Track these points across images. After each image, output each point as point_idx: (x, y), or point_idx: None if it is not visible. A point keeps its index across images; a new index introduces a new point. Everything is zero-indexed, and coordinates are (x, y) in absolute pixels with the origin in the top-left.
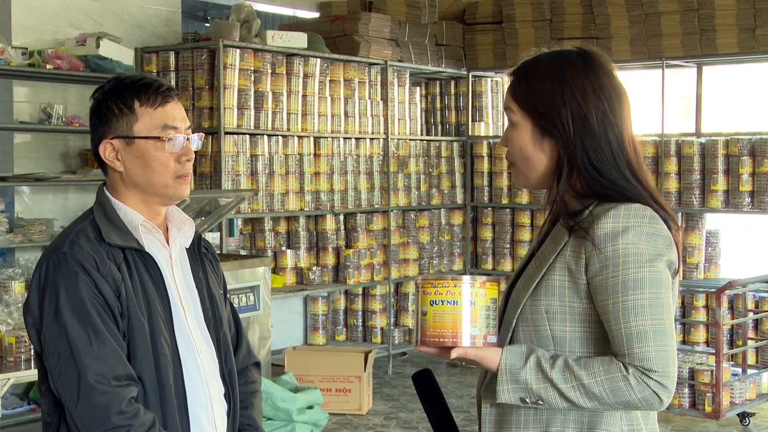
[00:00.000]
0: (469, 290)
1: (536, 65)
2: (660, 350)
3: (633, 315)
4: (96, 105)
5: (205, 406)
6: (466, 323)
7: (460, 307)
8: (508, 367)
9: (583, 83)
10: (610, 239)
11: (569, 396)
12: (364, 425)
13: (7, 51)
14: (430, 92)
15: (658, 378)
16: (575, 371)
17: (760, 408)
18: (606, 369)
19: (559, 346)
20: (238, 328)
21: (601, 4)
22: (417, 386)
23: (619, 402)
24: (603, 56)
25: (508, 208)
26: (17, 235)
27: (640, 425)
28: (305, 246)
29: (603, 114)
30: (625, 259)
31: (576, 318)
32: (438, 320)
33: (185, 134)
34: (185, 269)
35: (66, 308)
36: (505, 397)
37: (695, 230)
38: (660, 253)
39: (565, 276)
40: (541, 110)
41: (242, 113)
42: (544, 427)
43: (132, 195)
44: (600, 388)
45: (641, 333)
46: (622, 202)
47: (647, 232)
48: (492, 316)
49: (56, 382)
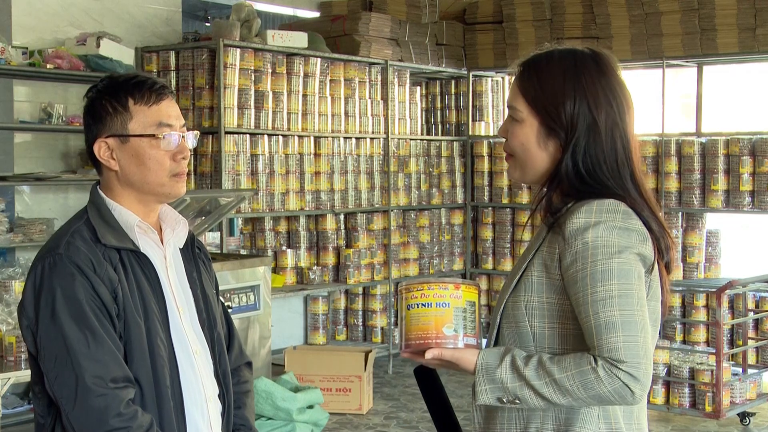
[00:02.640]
0: (442, 293)
1: (549, 62)
2: (629, 341)
3: (601, 306)
4: (90, 104)
5: (201, 407)
6: (441, 325)
7: (434, 309)
8: (484, 367)
9: (596, 87)
10: (580, 233)
11: (543, 393)
12: (364, 425)
13: (8, 50)
14: (431, 92)
15: (628, 369)
16: (548, 367)
17: (760, 408)
18: (577, 363)
19: (539, 343)
20: (230, 328)
21: (602, 4)
22: (419, 380)
23: (591, 396)
24: (614, 59)
25: (509, 207)
26: (17, 234)
27: (619, 423)
28: (305, 245)
29: (613, 121)
30: (594, 251)
31: (554, 314)
32: (414, 324)
33: (180, 132)
34: (179, 270)
35: (62, 310)
36: (482, 397)
37: (695, 230)
38: (629, 246)
39: (542, 272)
40: (549, 110)
41: (243, 113)
42: (525, 424)
43: (127, 194)
44: (571, 382)
45: (609, 324)
46: (596, 198)
47: (619, 227)
48: (470, 318)
49: (53, 385)
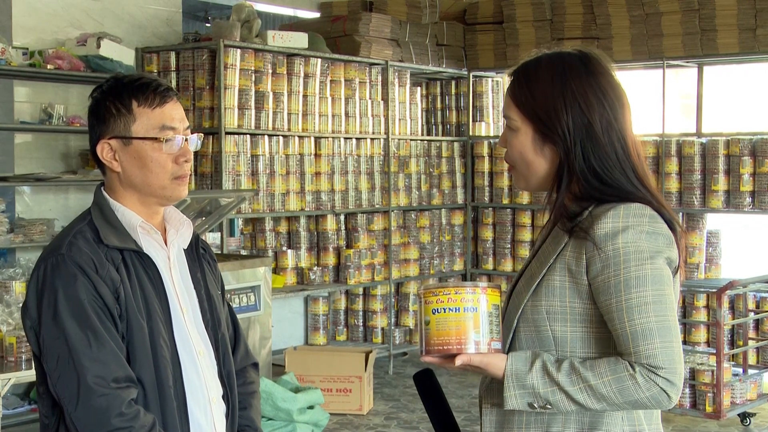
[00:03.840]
0: (470, 297)
1: (537, 69)
2: (666, 347)
3: (637, 313)
4: (94, 104)
5: (204, 408)
6: (469, 330)
7: (462, 314)
8: (514, 372)
9: (585, 89)
10: (610, 238)
11: (577, 398)
12: (364, 425)
13: (8, 51)
14: (431, 92)
15: (666, 375)
16: (581, 373)
17: (760, 408)
18: (612, 369)
19: (560, 347)
20: (236, 329)
21: (602, 4)
22: (418, 386)
23: (627, 401)
24: (604, 58)
25: (509, 208)
26: (18, 235)
27: (642, 425)
28: (306, 246)
29: (607, 121)
30: (626, 258)
31: (577, 318)
32: (441, 328)
33: (184, 135)
34: (183, 270)
35: (65, 310)
36: (512, 403)
37: (696, 230)
38: (660, 251)
39: (565, 277)
40: (542, 117)
41: (243, 113)
42: (545, 427)
43: (130, 195)
44: (607, 388)
45: (646, 330)
46: (621, 203)
47: (647, 231)
48: (495, 322)
49: (55, 385)
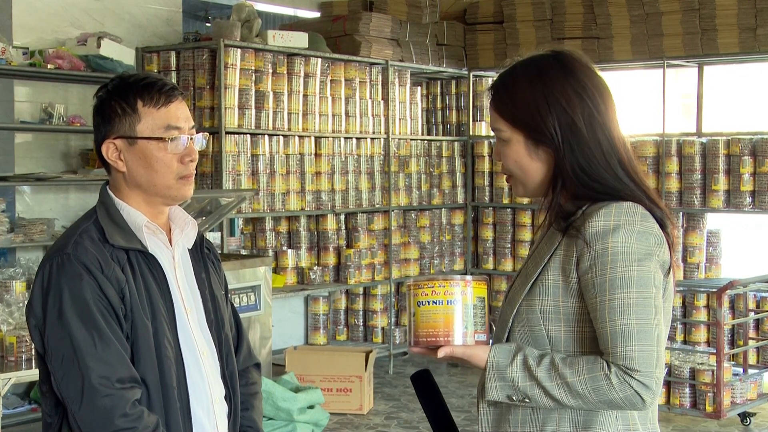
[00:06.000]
0: (456, 290)
1: (513, 77)
2: (644, 350)
3: (618, 314)
4: (99, 104)
5: (207, 408)
6: (456, 321)
7: (445, 306)
8: (495, 364)
9: (565, 87)
10: (600, 237)
11: (554, 394)
12: (364, 425)
13: (8, 51)
14: (431, 92)
15: (641, 378)
16: (560, 369)
17: (761, 408)
18: (590, 368)
19: (555, 346)
20: (238, 329)
21: (602, 4)
22: (416, 387)
23: (601, 401)
24: (579, 55)
25: (509, 207)
26: (18, 234)
27: (636, 425)
28: (306, 246)
29: (590, 115)
30: (614, 258)
31: (570, 318)
32: (425, 320)
33: (189, 134)
34: (188, 270)
35: (70, 310)
36: (492, 394)
37: (696, 230)
38: (650, 252)
39: (559, 276)
40: (529, 122)
41: (243, 113)
42: (540, 426)
43: (135, 195)
44: (583, 386)
45: (626, 332)
46: (614, 201)
47: (638, 231)
48: (480, 315)
49: (59, 384)
